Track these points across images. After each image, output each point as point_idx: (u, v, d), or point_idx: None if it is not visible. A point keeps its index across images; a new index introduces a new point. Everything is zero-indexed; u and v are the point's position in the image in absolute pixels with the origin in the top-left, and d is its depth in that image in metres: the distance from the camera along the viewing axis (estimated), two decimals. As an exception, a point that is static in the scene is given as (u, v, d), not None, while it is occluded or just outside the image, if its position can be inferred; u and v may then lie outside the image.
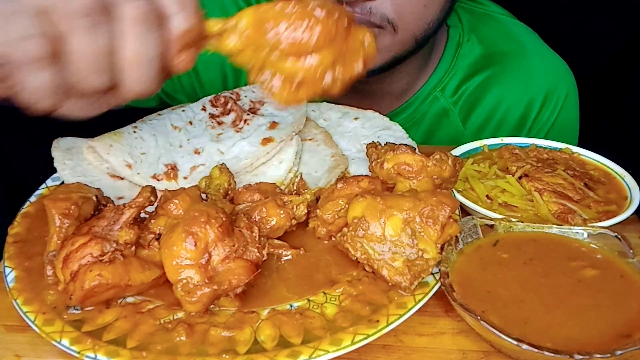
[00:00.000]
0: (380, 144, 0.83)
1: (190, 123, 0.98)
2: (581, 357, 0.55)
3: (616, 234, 0.71)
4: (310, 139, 0.98)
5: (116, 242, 0.66)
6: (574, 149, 0.99)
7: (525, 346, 0.56)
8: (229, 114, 1.00)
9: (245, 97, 1.03)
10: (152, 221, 0.72)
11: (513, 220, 0.75)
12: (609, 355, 0.55)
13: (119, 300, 0.67)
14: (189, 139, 0.95)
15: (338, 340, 0.61)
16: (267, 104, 1.01)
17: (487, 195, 0.87)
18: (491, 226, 0.74)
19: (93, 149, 0.90)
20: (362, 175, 0.79)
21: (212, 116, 0.99)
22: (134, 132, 0.93)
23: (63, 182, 0.88)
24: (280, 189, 0.83)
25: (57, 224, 0.71)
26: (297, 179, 0.88)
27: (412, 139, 0.99)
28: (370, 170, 0.82)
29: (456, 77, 1.25)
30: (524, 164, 0.92)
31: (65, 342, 0.62)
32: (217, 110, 1.01)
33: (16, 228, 0.79)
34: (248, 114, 0.98)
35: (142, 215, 0.73)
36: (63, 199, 0.72)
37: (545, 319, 0.62)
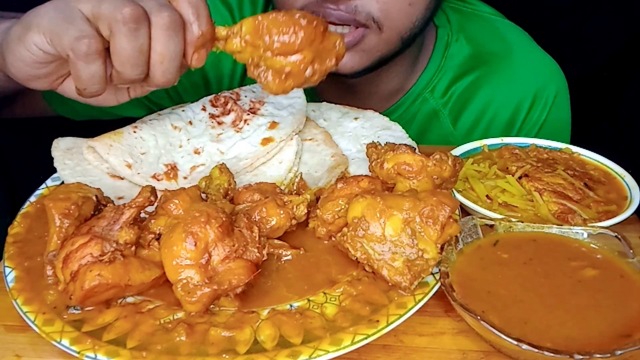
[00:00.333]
0: (380, 144, 0.83)
1: (190, 123, 0.98)
2: (581, 357, 0.55)
3: (616, 234, 0.71)
4: (310, 139, 0.98)
5: (116, 242, 0.66)
6: (574, 149, 0.99)
7: (525, 346, 0.56)
8: (229, 114, 1.00)
9: (245, 97, 1.03)
10: (152, 221, 0.72)
11: (513, 220, 0.75)
12: (609, 355, 0.55)
13: (119, 300, 0.67)
14: (189, 139, 0.95)
15: (338, 340, 0.61)
16: (267, 104, 1.01)
17: (487, 195, 0.87)
18: (491, 226, 0.74)
19: (93, 149, 0.90)
20: (362, 175, 0.79)
21: (212, 116, 0.99)
22: (134, 132, 0.93)
23: (63, 182, 0.87)
24: (280, 189, 0.83)
25: (57, 224, 0.70)
26: (297, 179, 0.88)
27: (402, 140, 0.99)
28: (370, 170, 0.82)
29: (445, 78, 1.24)
30: (524, 164, 0.92)
31: (65, 342, 0.62)
32: (217, 110, 1.01)
33: (16, 228, 0.79)
34: (248, 114, 0.98)
35: (142, 215, 0.73)
36: (63, 199, 0.72)
37: (545, 319, 0.62)
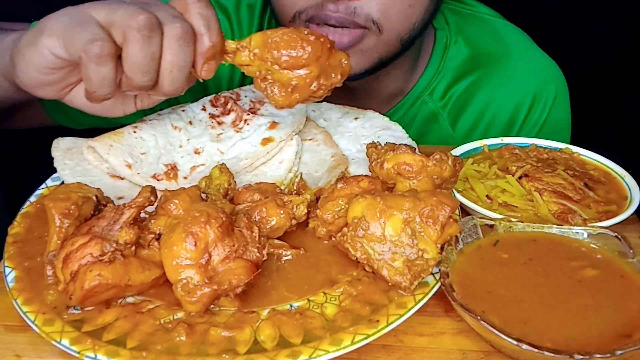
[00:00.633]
0: (380, 144, 0.83)
1: (190, 123, 0.98)
2: (581, 357, 0.55)
3: (616, 234, 0.71)
4: (310, 139, 0.98)
5: (116, 242, 0.66)
6: (574, 149, 0.99)
7: (525, 346, 0.56)
8: (229, 114, 1.00)
9: (245, 97, 1.03)
10: (152, 221, 0.72)
11: (513, 220, 0.75)
12: (609, 355, 0.55)
13: (119, 300, 0.67)
14: (189, 139, 0.95)
15: (338, 340, 0.61)
16: (267, 104, 1.01)
17: (487, 195, 0.87)
18: (491, 226, 0.74)
19: (93, 149, 0.90)
20: (362, 175, 0.79)
21: (212, 116, 0.99)
22: (134, 132, 0.93)
23: (63, 182, 0.87)
24: (280, 189, 0.83)
25: (57, 224, 0.70)
26: (297, 179, 0.88)
27: (401, 142, 0.99)
28: (370, 170, 0.82)
29: (444, 80, 1.24)
30: (524, 164, 0.92)
31: (65, 342, 0.61)
32: (217, 110, 1.01)
33: (16, 228, 0.79)
34: (248, 114, 0.98)
35: (142, 215, 0.73)
36: (63, 199, 0.72)
37: (545, 319, 0.62)
